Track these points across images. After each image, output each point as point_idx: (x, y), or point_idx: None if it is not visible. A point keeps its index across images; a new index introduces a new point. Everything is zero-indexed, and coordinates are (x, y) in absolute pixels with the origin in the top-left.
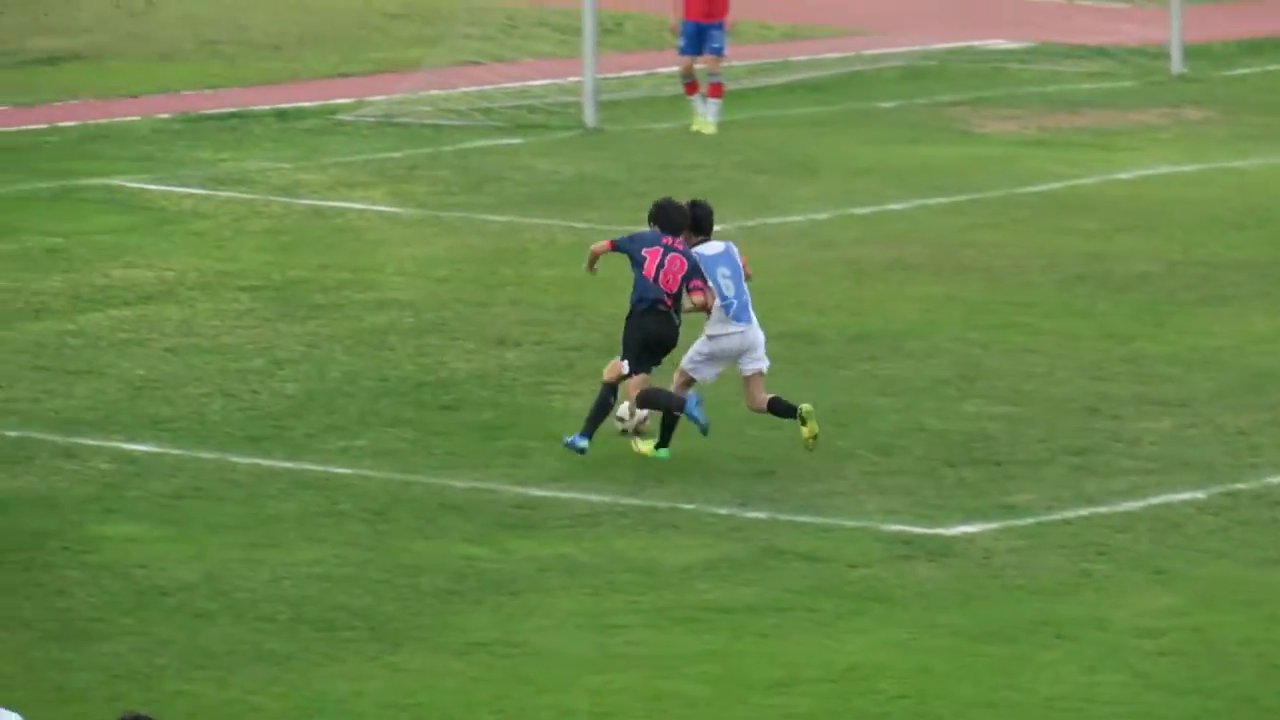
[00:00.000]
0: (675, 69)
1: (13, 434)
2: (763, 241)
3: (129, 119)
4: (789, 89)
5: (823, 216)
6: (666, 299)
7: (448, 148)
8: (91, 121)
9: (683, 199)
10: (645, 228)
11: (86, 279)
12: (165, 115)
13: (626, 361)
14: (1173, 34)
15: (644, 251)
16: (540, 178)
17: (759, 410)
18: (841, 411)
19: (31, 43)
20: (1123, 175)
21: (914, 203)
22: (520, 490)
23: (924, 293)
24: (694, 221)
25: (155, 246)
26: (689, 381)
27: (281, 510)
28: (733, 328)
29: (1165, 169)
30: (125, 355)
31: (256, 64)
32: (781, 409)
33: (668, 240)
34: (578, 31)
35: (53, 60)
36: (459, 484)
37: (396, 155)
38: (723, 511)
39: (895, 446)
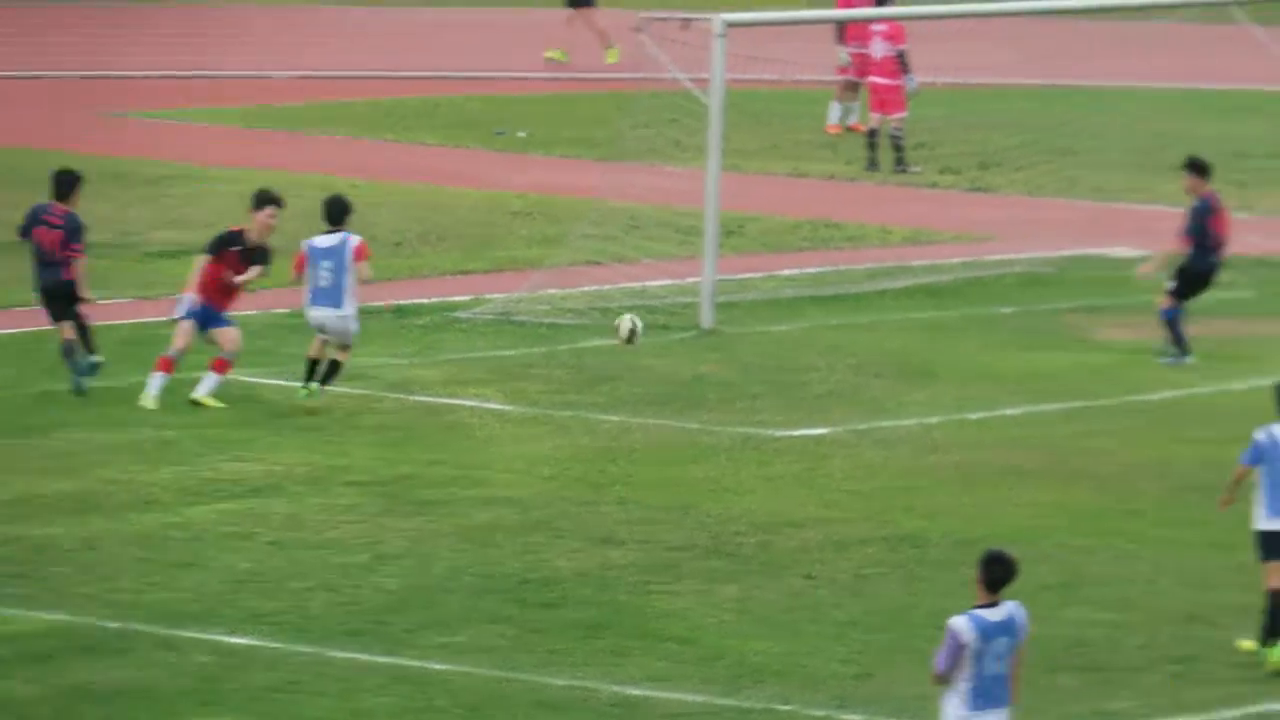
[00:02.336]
0: (793, 271)
1: (113, 625)
2: (875, 445)
3: (245, 313)
4: (908, 293)
5: (935, 420)
6: None
7: (563, 346)
8: None
9: (796, 402)
10: (754, 428)
11: (195, 471)
12: (281, 310)
13: None
14: None
15: None
16: (654, 378)
17: None
18: (944, 616)
19: (156, 235)
20: (1238, 385)
21: (1028, 409)
22: (618, 689)
23: (1032, 498)
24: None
25: (265, 440)
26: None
27: (376, 705)
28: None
29: None
30: (229, 548)
31: (378, 261)
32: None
33: None
34: (700, 232)
35: (174, 254)
36: (557, 682)
37: (512, 353)
38: (819, 714)
39: None
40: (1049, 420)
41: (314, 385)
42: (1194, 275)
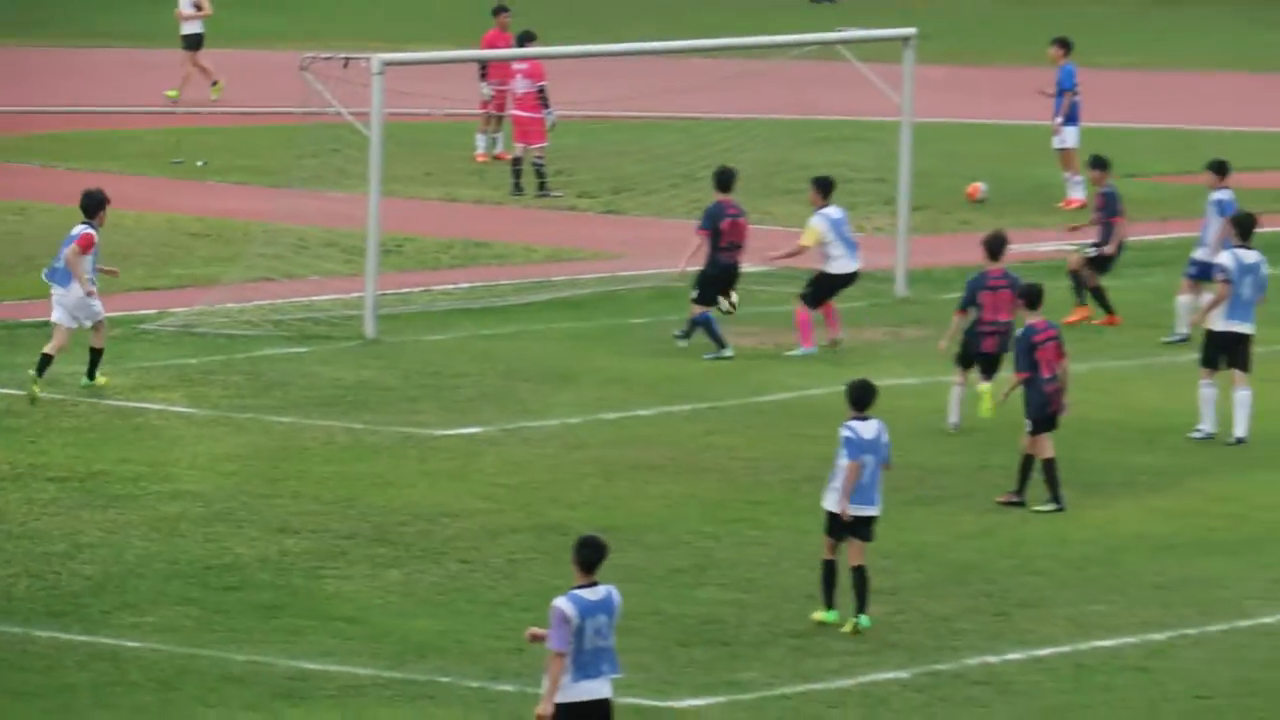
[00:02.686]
0: (447, 286)
1: None
2: (523, 442)
3: None
4: (550, 305)
5: (576, 420)
6: None
7: (240, 355)
8: None
9: (451, 404)
10: (414, 428)
11: None
12: None
13: None
14: (898, 260)
15: None
16: (322, 383)
17: None
18: None
19: None
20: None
21: (659, 409)
22: (294, 664)
23: (665, 490)
24: None
25: None
26: None
27: (78, 680)
28: None
29: (889, 381)
30: None
31: None
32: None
33: None
34: (362, 251)
35: None
36: (239, 657)
37: (194, 361)
38: (474, 684)
39: (634, 628)
40: (678, 420)
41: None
42: (710, 277)
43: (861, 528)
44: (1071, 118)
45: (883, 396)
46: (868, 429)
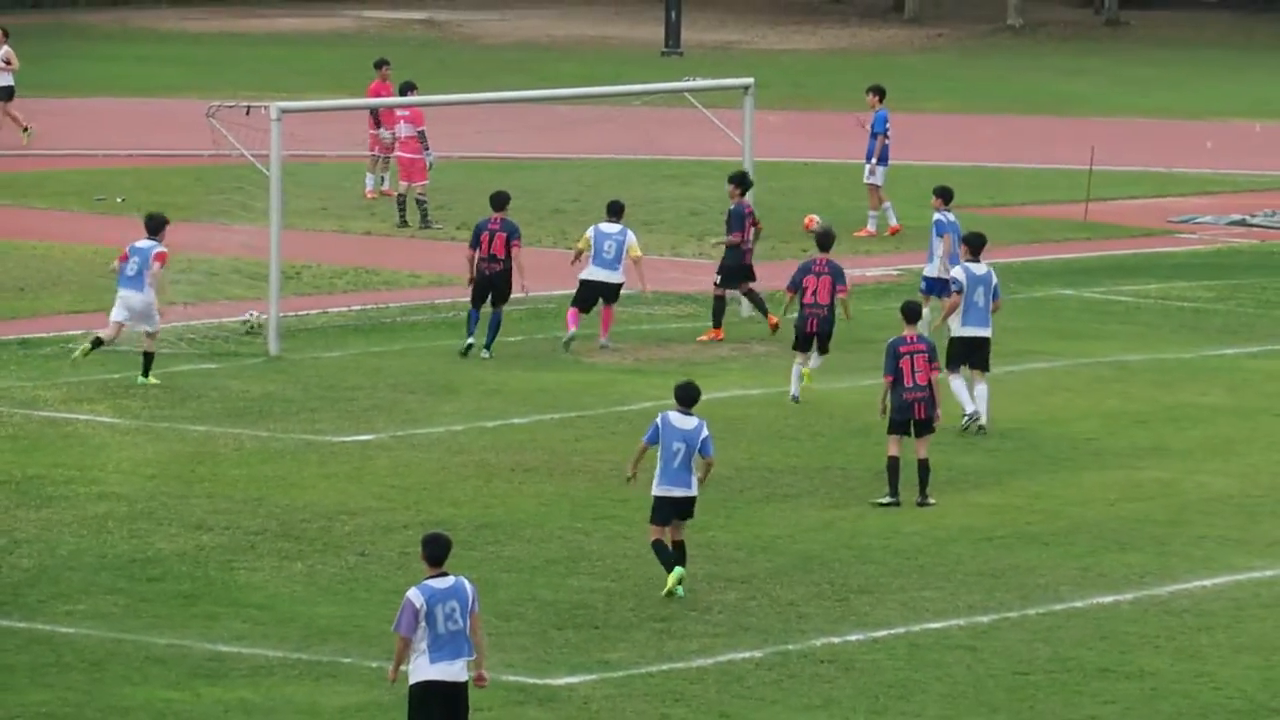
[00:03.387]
0: (341, 308)
1: None
2: (412, 448)
3: None
4: (434, 326)
5: (459, 428)
6: None
7: (158, 371)
8: None
9: (346, 414)
10: (313, 435)
11: None
12: None
13: None
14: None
15: None
16: (232, 395)
17: None
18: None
19: None
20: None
21: (533, 418)
22: (210, 647)
23: (539, 490)
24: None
25: None
26: None
27: (16, 661)
28: None
29: (736, 392)
30: None
31: (5, 303)
32: None
33: None
34: (265, 278)
35: None
36: (161, 641)
37: (117, 376)
38: (374, 665)
39: (514, 613)
40: (550, 427)
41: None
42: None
43: (683, 508)
44: (883, 158)
45: (733, 405)
46: (685, 421)
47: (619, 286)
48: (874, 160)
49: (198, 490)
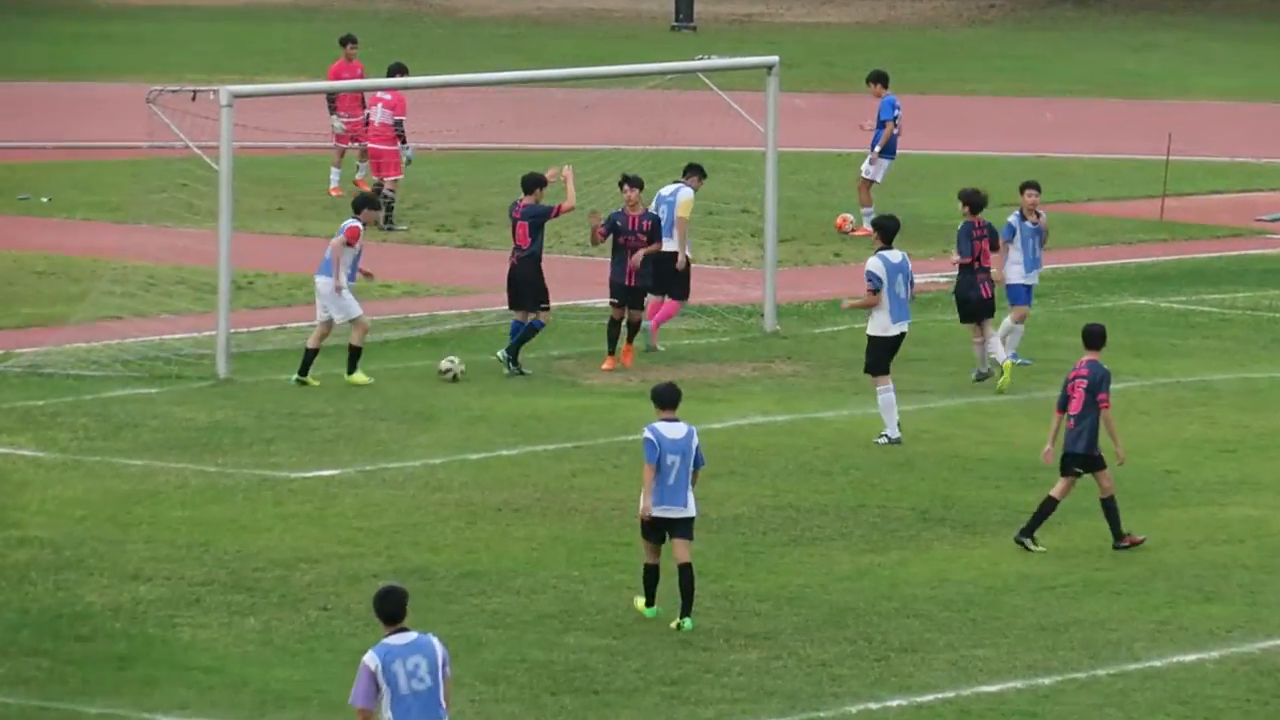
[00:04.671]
0: (301, 323)
1: None
2: (383, 484)
3: None
4: (408, 343)
5: (438, 461)
6: None
7: (89, 396)
8: None
9: (307, 445)
10: (269, 470)
11: None
12: None
13: None
14: (766, 294)
15: None
16: (174, 424)
17: None
18: (451, 644)
19: None
20: (717, 425)
21: (524, 449)
22: (149, 716)
23: (530, 533)
24: None
25: None
26: None
27: None
28: None
29: (758, 419)
30: None
31: None
32: None
33: None
34: (213, 288)
35: None
36: (91, 710)
37: (41, 403)
38: None
39: (501, 676)
40: (543, 459)
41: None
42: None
43: (681, 528)
44: (889, 150)
45: (754, 434)
46: (674, 430)
47: (671, 258)
48: (876, 149)
49: (134, 535)
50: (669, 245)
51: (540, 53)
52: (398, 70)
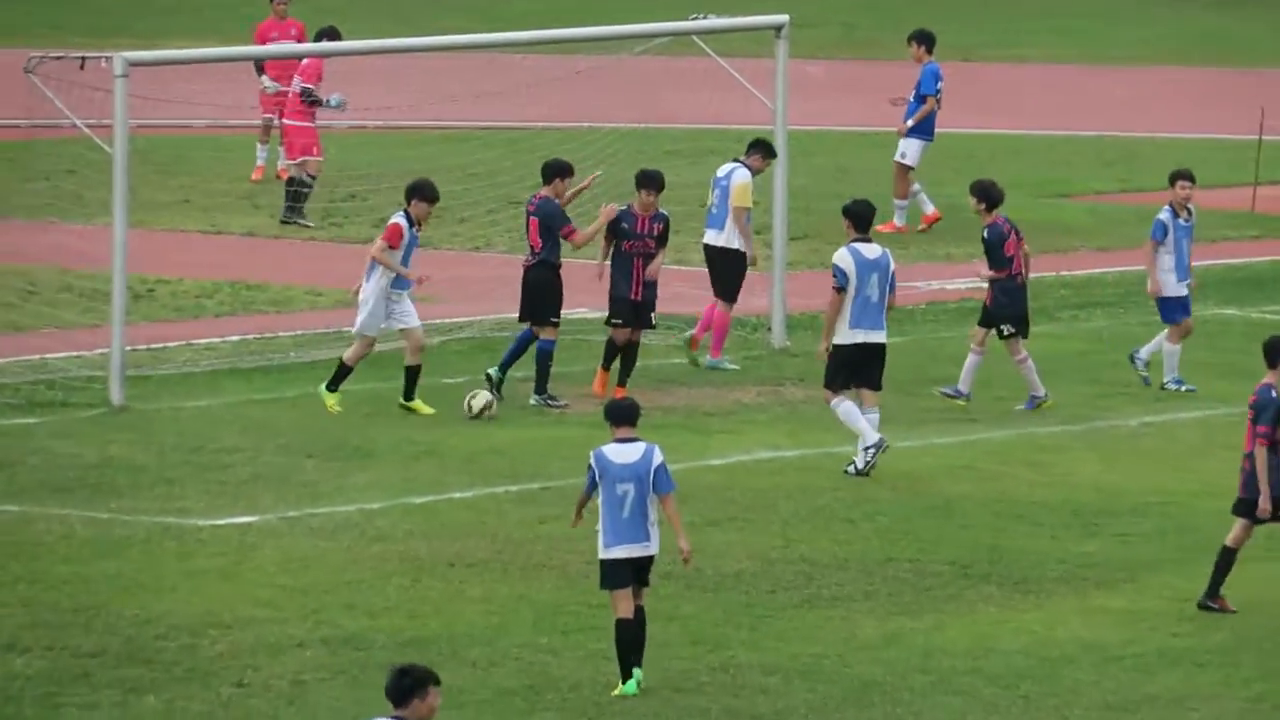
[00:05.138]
0: (212, 339)
1: None
2: (310, 534)
3: None
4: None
5: (377, 506)
6: None
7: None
8: None
9: (219, 487)
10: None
11: None
12: None
13: None
14: (774, 303)
15: None
16: (58, 462)
17: None
18: None
19: None
20: (716, 461)
21: (480, 491)
22: None
23: (488, 592)
24: None
25: None
26: None
27: None
28: None
29: (764, 454)
30: None
31: None
32: None
33: None
34: (106, 297)
35: None
36: None
37: None
38: None
39: None
40: (504, 504)
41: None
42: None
43: (640, 570)
44: (926, 128)
45: (760, 472)
46: (625, 452)
47: (719, 253)
48: (908, 123)
49: (8, 596)
50: (718, 239)
51: (499, 12)
52: (327, 34)
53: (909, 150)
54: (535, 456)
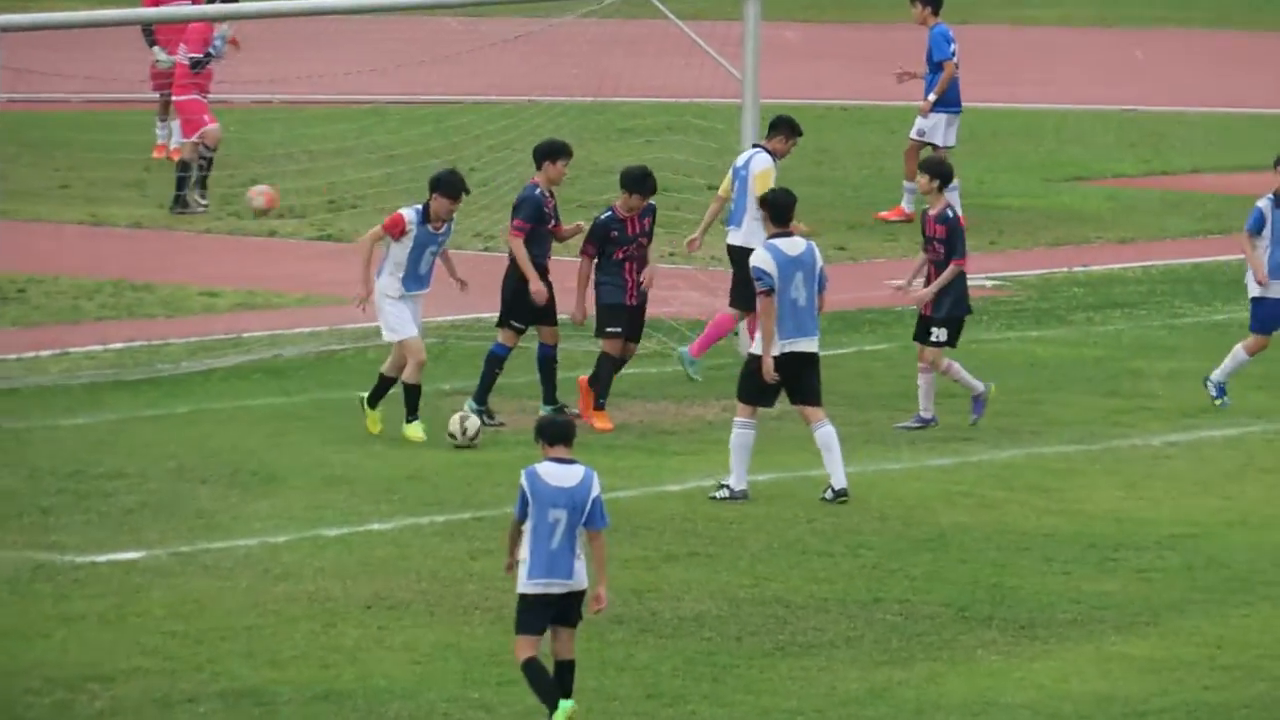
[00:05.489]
0: (92, 347)
1: None
2: (205, 572)
3: None
4: (241, 374)
5: (283, 540)
6: None
7: None
8: None
9: (100, 518)
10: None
11: None
12: None
13: None
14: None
15: None
16: None
17: None
18: None
19: None
20: (674, 487)
21: (402, 521)
22: None
23: (413, 639)
24: None
25: None
26: None
27: None
28: None
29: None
30: None
31: None
32: None
33: None
34: None
35: None
36: None
37: None
38: None
39: None
40: (429, 537)
41: None
42: None
43: (567, 609)
44: (951, 100)
45: (724, 501)
46: (562, 474)
47: (742, 254)
48: (932, 97)
49: None
50: (737, 237)
51: None
52: None
53: (935, 128)
54: (465, 483)
